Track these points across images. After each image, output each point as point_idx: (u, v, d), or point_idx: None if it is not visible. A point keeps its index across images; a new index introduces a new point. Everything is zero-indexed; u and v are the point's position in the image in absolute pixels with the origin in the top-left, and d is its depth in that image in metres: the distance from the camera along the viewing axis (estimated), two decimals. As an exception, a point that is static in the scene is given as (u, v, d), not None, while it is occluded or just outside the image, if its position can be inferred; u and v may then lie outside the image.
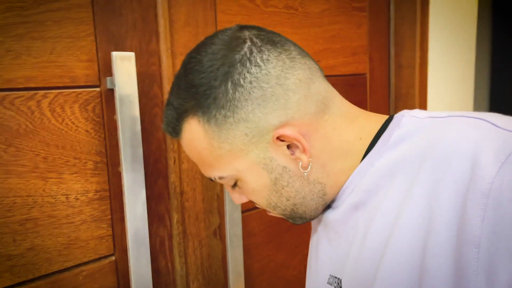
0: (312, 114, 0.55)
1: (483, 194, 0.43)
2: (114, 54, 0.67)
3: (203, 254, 0.86)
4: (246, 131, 0.53)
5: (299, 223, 0.64)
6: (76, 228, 0.68)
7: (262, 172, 0.56)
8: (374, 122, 0.59)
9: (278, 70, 0.53)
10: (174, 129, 0.57)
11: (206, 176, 0.60)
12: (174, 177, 0.80)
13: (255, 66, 0.52)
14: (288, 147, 0.55)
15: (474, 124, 0.50)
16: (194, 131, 0.55)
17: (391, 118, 0.59)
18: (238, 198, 0.63)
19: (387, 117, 0.60)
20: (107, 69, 0.69)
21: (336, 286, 0.60)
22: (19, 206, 0.63)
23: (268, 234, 0.99)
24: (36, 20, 0.62)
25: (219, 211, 0.88)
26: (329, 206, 0.62)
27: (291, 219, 0.63)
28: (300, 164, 0.56)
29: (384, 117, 0.60)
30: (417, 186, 0.50)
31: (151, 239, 0.78)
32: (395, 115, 0.59)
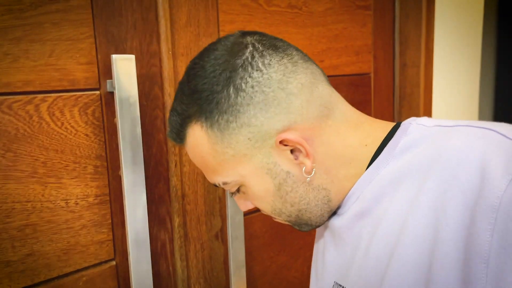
0: (315, 119, 0.55)
1: (493, 208, 0.42)
2: (114, 56, 0.65)
3: (205, 257, 0.85)
4: (249, 135, 0.53)
5: (306, 229, 0.63)
6: (76, 233, 0.67)
7: (265, 177, 0.55)
8: (379, 129, 0.58)
9: (280, 74, 0.53)
10: (178, 135, 0.57)
11: (211, 182, 0.60)
12: (175, 180, 0.79)
13: (256, 70, 0.52)
14: (291, 152, 0.55)
15: (482, 134, 0.49)
16: (198, 137, 0.55)
17: (398, 125, 0.58)
18: (244, 204, 0.63)
19: (393, 124, 0.59)
20: (107, 71, 0.68)
21: None
22: (18, 212, 0.62)
23: (270, 236, 0.98)
24: (35, 22, 0.61)
25: (221, 214, 0.87)
26: (335, 213, 0.61)
27: (297, 226, 0.62)
28: (303, 169, 0.55)
29: (391, 124, 0.59)
30: (423, 195, 0.49)
31: (152, 242, 0.77)
32: (402, 122, 0.58)
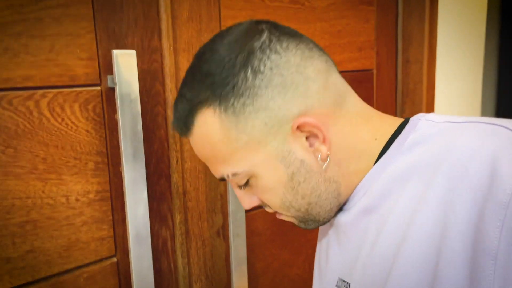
0: (330, 106, 0.54)
1: (502, 205, 0.42)
2: (115, 52, 0.65)
3: (206, 254, 0.85)
4: (266, 119, 0.51)
5: (311, 227, 0.61)
6: (76, 229, 0.67)
7: (279, 166, 0.53)
8: (389, 124, 0.58)
9: (297, 58, 0.52)
10: (186, 124, 0.55)
11: (218, 176, 0.57)
12: (176, 176, 0.78)
13: (275, 53, 0.51)
14: (306, 139, 0.53)
15: (492, 131, 0.48)
16: (209, 123, 0.52)
17: (406, 121, 0.57)
18: (248, 201, 0.60)
19: (402, 120, 0.59)
20: (108, 67, 0.68)
21: None
22: (18, 208, 0.61)
23: (272, 233, 0.97)
24: (35, 17, 0.60)
25: (223, 211, 0.86)
26: (340, 209, 0.61)
27: (303, 223, 0.61)
28: (319, 156, 0.53)
29: (399, 119, 0.59)
30: (431, 192, 0.48)
31: (153, 239, 0.77)
32: (410, 118, 0.58)
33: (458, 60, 1.32)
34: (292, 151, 0.53)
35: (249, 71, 0.50)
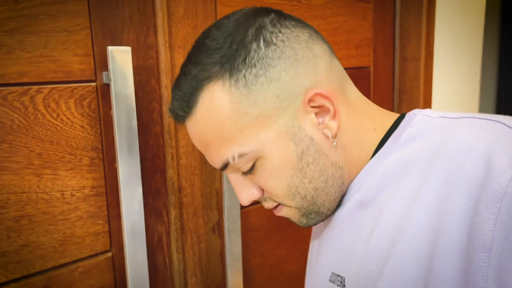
0: (336, 86, 0.55)
1: (497, 198, 0.42)
2: (110, 48, 0.65)
3: (202, 249, 0.86)
4: (278, 92, 0.51)
5: (313, 222, 0.60)
6: (71, 224, 0.68)
7: (289, 143, 0.52)
8: (386, 117, 0.59)
9: (306, 35, 0.53)
10: (189, 103, 0.52)
11: (220, 162, 0.54)
12: (172, 172, 0.79)
13: (285, 27, 0.52)
14: (315, 116, 0.54)
15: (488, 125, 0.49)
16: (217, 99, 0.51)
17: (402, 116, 0.58)
18: (248, 194, 0.58)
19: (398, 114, 0.59)
20: (103, 63, 0.68)
21: (339, 285, 0.59)
22: (13, 203, 0.62)
23: (268, 229, 0.98)
24: (30, 14, 0.61)
25: (218, 207, 0.87)
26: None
27: (305, 217, 0.59)
28: (329, 133, 0.54)
29: (395, 114, 0.60)
30: (427, 186, 0.49)
31: (148, 235, 0.77)
32: (407, 113, 0.58)
33: (455, 58, 1.32)
34: (302, 128, 0.53)
35: (261, 43, 0.50)
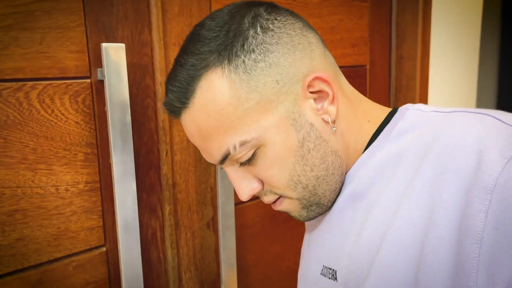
0: (332, 73, 0.56)
1: (488, 190, 0.43)
2: (104, 45, 0.66)
3: (196, 245, 0.86)
4: (277, 77, 0.51)
5: (313, 215, 0.59)
6: (66, 219, 0.68)
7: (290, 129, 0.53)
8: (379, 111, 0.60)
9: (300, 24, 0.55)
10: (186, 94, 0.52)
11: (220, 154, 0.54)
12: (166, 168, 0.79)
13: (280, 15, 0.53)
14: (314, 101, 0.54)
15: (480, 119, 0.49)
16: (216, 86, 0.51)
17: (395, 110, 0.59)
18: (247, 187, 0.57)
19: (390, 109, 0.60)
20: (98, 60, 0.69)
21: (330, 278, 0.59)
22: (8, 197, 0.63)
23: (263, 226, 0.98)
24: (25, 10, 0.61)
25: (212, 203, 0.88)
26: None
27: (306, 209, 0.58)
28: (329, 118, 0.54)
29: (388, 108, 0.61)
30: (418, 178, 0.49)
31: (142, 230, 0.78)
32: (399, 108, 0.59)
33: (452, 57, 1.33)
34: (303, 113, 0.53)
35: (258, 29, 0.51)
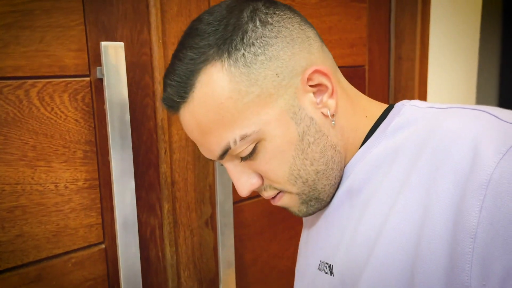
0: (330, 66, 0.57)
1: (482, 185, 0.43)
2: (103, 44, 0.67)
3: (195, 243, 0.87)
4: (277, 70, 0.52)
5: (312, 210, 0.60)
6: (65, 216, 0.69)
7: (290, 123, 0.53)
8: (375, 106, 0.60)
9: (298, 18, 0.55)
10: (185, 87, 0.52)
11: (220, 148, 0.54)
12: (165, 167, 0.80)
13: (279, 9, 0.54)
14: (313, 95, 0.55)
15: (476, 115, 0.49)
16: (215, 80, 0.51)
17: (391, 106, 0.59)
18: (247, 182, 0.57)
19: (387, 105, 0.61)
20: (97, 58, 0.70)
21: (327, 272, 0.59)
22: (7, 194, 0.63)
23: (261, 225, 0.99)
24: (25, 9, 0.62)
25: (211, 202, 0.88)
26: None
27: (305, 204, 0.59)
28: (328, 112, 0.55)
29: (384, 105, 0.61)
30: (414, 174, 0.50)
31: (141, 228, 0.79)
32: (395, 104, 0.60)
33: (451, 57, 1.33)
34: (302, 107, 0.54)
35: (257, 23, 0.52)
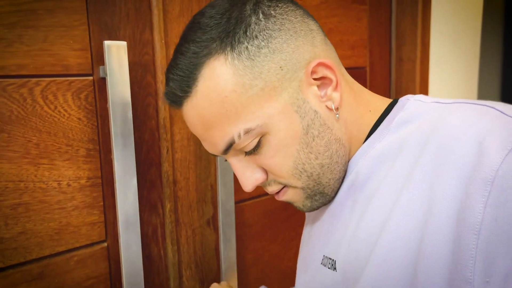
0: (334, 59, 0.56)
1: (487, 181, 0.43)
2: (106, 43, 0.68)
3: (196, 243, 0.87)
4: (281, 63, 0.51)
5: (317, 205, 0.60)
6: (67, 213, 0.70)
7: (294, 116, 0.53)
8: (379, 101, 0.60)
9: (301, 11, 0.55)
10: (188, 81, 0.52)
11: (223, 143, 0.54)
12: (167, 166, 0.81)
13: (281, 2, 0.54)
14: (317, 88, 0.55)
15: (481, 110, 0.49)
16: (219, 74, 0.50)
17: (395, 101, 0.59)
18: (252, 177, 0.57)
19: (391, 100, 0.60)
20: (100, 58, 0.70)
21: (330, 267, 0.59)
22: (11, 191, 0.64)
23: (263, 225, 0.99)
24: (29, 9, 0.63)
25: (213, 201, 0.89)
26: None
27: (310, 199, 0.59)
28: (332, 105, 0.55)
29: (388, 99, 0.61)
30: (418, 169, 0.49)
31: (143, 226, 0.79)
32: (399, 98, 0.59)
33: (452, 59, 1.34)
34: (307, 100, 0.53)
35: (260, 15, 0.51)
